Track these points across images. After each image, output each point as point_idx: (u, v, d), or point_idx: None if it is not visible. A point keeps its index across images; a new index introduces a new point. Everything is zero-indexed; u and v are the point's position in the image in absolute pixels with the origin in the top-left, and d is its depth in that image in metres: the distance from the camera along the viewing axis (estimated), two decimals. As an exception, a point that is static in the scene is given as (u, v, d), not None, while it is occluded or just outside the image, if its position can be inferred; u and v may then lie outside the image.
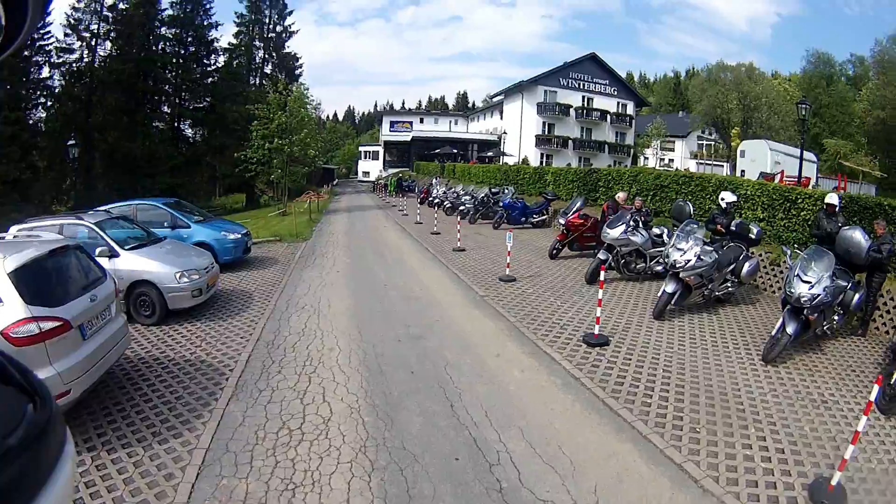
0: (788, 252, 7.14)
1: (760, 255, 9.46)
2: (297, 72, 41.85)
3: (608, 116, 43.31)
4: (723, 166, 38.44)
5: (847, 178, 25.39)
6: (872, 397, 3.58)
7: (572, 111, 42.03)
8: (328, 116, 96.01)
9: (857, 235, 6.79)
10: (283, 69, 40.80)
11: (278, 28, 42.15)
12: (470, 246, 13.35)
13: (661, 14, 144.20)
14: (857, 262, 6.81)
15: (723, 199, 9.06)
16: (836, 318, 6.75)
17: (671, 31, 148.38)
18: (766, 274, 9.62)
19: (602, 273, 6.97)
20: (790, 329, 5.85)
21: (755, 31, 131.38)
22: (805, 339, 6.43)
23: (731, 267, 8.12)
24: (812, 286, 5.93)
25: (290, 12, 42.68)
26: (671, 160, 45.97)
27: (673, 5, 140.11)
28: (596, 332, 6.42)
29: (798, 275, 6.09)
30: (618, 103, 44.18)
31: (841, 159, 29.99)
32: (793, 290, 5.96)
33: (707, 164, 41.19)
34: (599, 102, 43.15)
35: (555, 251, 11.71)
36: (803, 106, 17.39)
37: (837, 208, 7.87)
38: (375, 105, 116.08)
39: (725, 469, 3.84)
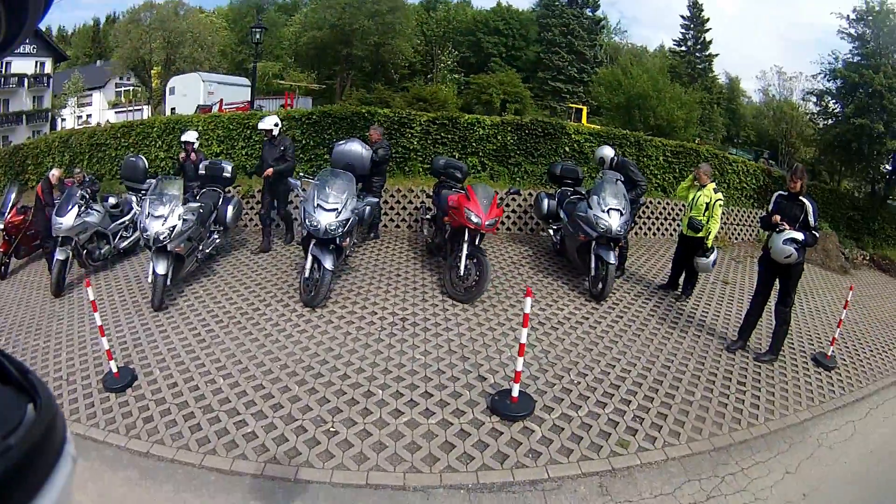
0: (298, 183, 6.37)
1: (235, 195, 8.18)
2: None
3: (25, 80, 34.92)
4: (142, 110, 36.27)
5: (293, 95, 26.21)
6: (527, 310, 3.77)
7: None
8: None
9: (356, 146, 6.97)
10: None
11: None
12: None
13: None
14: (361, 172, 6.95)
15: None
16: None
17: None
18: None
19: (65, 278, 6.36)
20: (328, 264, 5.48)
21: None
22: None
23: (213, 215, 7.13)
24: (339, 212, 5.60)
25: None
26: (89, 115, 38.84)
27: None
28: (114, 369, 4.46)
29: (319, 205, 5.61)
30: (36, 62, 35.60)
31: (274, 78, 31.86)
32: (316, 225, 5.48)
33: (127, 110, 36.70)
34: (19, 66, 34.33)
35: (2, 268, 8.03)
36: (258, 30, 16.69)
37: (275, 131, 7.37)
38: None
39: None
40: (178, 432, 3.81)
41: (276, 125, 7.27)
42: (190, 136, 7.89)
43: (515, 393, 3.96)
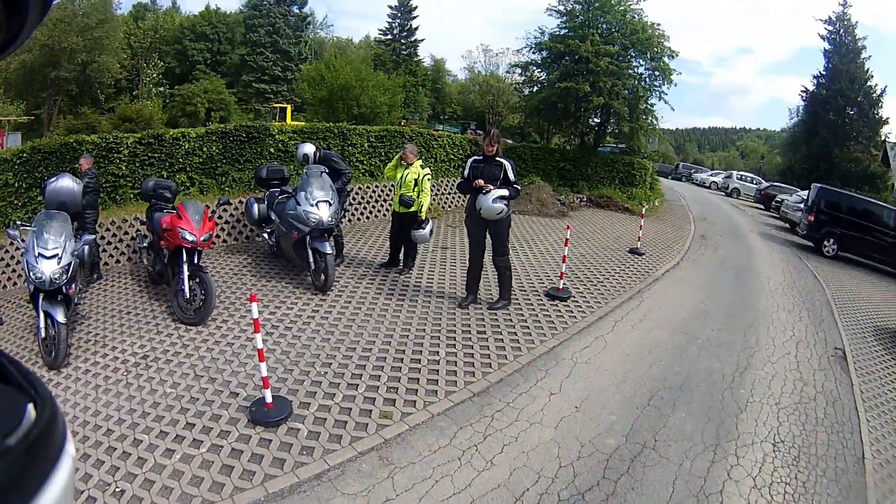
0: (17, 234, 5.77)
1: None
2: None
3: None
4: None
5: (2, 132, 22.78)
6: (255, 315, 3.89)
7: None
8: None
9: (67, 181, 6.15)
10: None
11: None
12: None
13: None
14: (75, 210, 6.17)
15: None
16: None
17: None
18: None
19: None
20: (60, 317, 4.94)
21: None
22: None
23: None
24: (60, 258, 5.10)
25: None
26: None
27: None
28: None
29: (40, 254, 5.06)
30: None
31: None
32: (41, 276, 4.93)
33: None
34: None
35: None
36: None
37: None
38: None
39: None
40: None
41: None
42: None
43: (269, 399, 3.97)
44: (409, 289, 6.79)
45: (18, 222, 6.45)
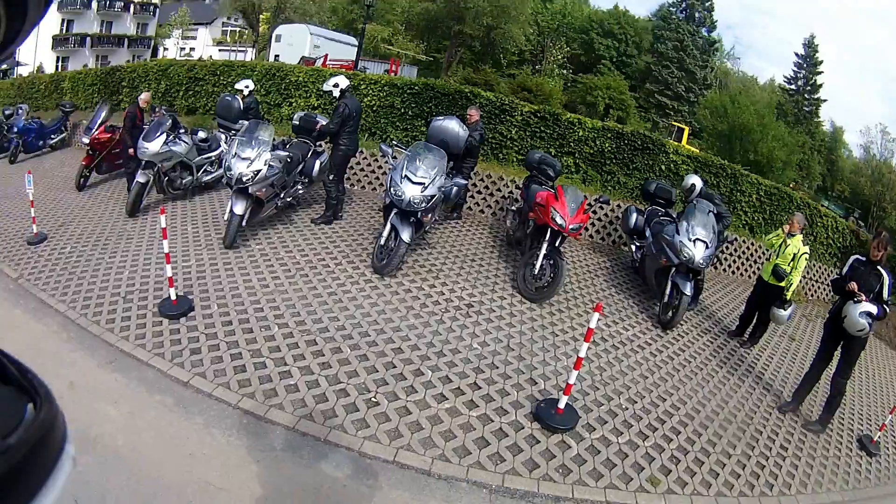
0: (390, 151, 6.17)
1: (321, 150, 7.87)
2: None
3: (131, 6, 37.68)
4: (246, 52, 37.28)
5: (398, 62, 26.58)
6: (592, 325, 3.66)
7: (94, 3, 35.39)
8: None
9: (454, 124, 6.72)
10: None
11: None
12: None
13: None
14: (455, 152, 6.70)
15: (246, 87, 8.47)
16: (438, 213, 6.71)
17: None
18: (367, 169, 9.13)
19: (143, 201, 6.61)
20: (405, 236, 5.46)
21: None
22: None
23: (301, 167, 7.16)
24: (426, 187, 5.52)
25: None
26: (192, 49, 41.21)
27: None
28: (173, 296, 4.58)
29: (406, 176, 5.54)
30: (144, -11, 37.86)
31: (382, 42, 31.77)
32: (401, 195, 5.41)
33: (230, 49, 38.91)
34: (126, -9, 36.35)
35: (82, 180, 8.64)
36: None
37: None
38: None
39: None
40: (221, 369, 3.86)
41: (336, 86, 6.73)
42: (247, 84, 8.27)
43: (562, 405, 3.88)
44: (742, 365, 6.15)
45: (394, 141, 7.25)
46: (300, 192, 7.25)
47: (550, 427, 3.79)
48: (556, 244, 5.87)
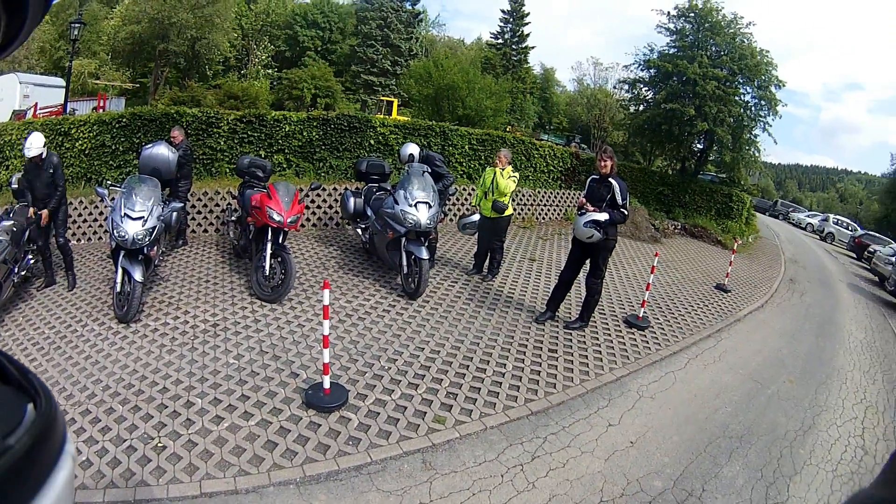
0: (105, 192, 5.85)
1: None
2: None
3: None
4: None
5: (106, 96, 24.88)
6: (326, 302, 3.99)
7: None
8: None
9: (163, 149, 6.54)
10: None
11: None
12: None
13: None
14: (168, 177, 6.55)
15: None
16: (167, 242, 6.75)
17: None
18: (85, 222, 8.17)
19: None
20: (138, 276, 5.18)
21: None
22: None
23: (26, 234, 6.00)
24: (145, 220, 5.36)
25: None
26: None
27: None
28: None
29: (126, 214, 5.33)
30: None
31: (89, 78, 28.81)
32: (124, 235, 5.22)
33: None
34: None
35: None
36: (77, 25, 15.42)
37: None
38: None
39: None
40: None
41: (44, 145, 5.90)
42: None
43: (327, 385, 4.08)
44: (488, 297, 6.78)
45: (109, 181, 6.90)
46: (30, 262, 6.19)
47: (325, 408, 3.95)
48: (280, 241, 5.96)
